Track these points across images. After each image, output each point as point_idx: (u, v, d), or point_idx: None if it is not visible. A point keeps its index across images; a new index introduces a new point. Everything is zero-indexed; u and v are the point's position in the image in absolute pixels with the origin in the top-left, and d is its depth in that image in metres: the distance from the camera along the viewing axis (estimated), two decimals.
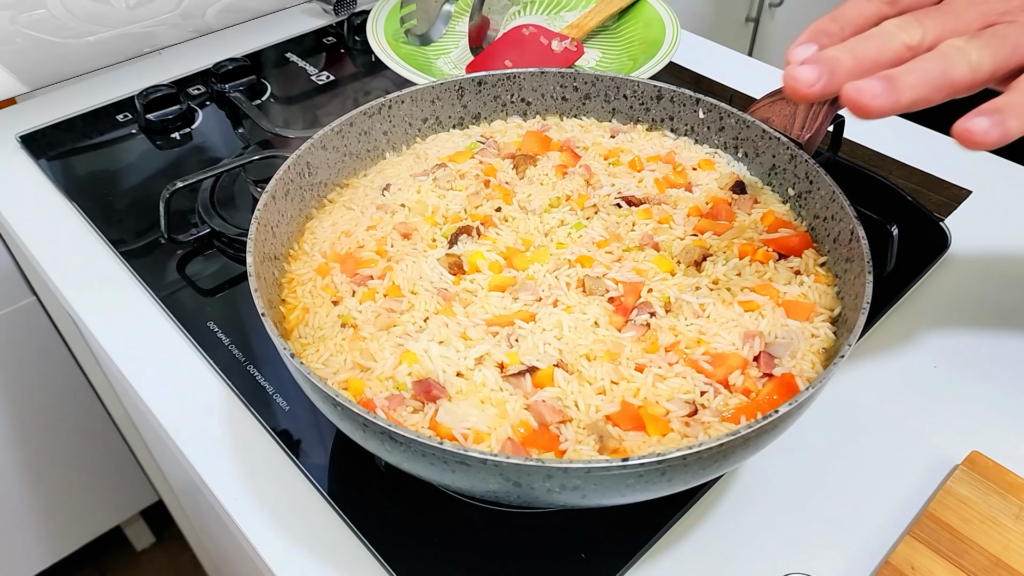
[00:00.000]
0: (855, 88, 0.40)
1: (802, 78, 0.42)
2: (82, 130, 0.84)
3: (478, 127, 0.64)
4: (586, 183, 0.58)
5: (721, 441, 0.37)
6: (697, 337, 0.47)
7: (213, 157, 0.81)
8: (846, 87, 0.41)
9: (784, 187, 0.56)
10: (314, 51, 0.97)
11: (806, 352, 0.46)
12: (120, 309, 0.65)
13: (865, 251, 0.46)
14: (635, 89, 0.62)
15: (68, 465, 1.30)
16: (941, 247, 0.69)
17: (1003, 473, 0.51)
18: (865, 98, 0.40)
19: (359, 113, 0.58)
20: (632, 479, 0.37)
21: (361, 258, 0.52)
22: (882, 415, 0.57)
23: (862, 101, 0.40)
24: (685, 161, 0.60)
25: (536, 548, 0.48)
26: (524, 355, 0.46)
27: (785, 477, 0.53)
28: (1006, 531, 0.48)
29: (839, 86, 0.41)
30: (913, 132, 0.83)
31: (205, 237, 0.69)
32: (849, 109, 0.41)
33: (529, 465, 0.36)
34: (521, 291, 0.50)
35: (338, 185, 0.58)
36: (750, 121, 0.57)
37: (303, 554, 0.48)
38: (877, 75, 0.40)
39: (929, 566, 0.47)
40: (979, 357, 0.61)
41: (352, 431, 0.41)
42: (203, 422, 0.56)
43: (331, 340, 0.47)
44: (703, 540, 0.49)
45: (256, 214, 0.49)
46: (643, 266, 0.52)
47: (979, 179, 0.77)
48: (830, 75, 0.42)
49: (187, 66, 0.94)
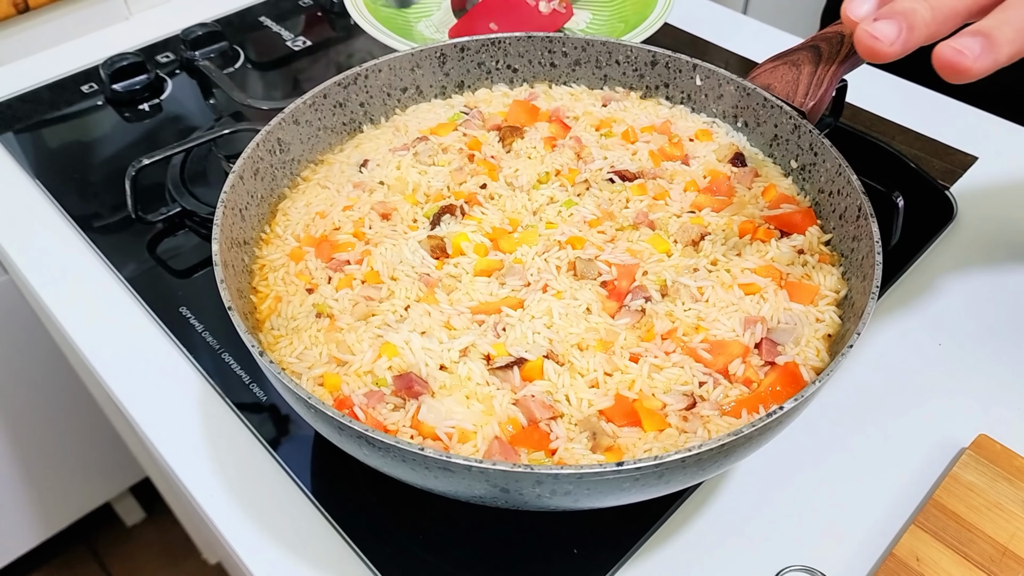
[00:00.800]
0: (951, 50, 0.36)
1: (882, 35, 0.37)
2: (47, 102, 0.80)
3: (461, 96, 0.60)
4: (577, 156, 0.55)
5: (722, 442, 0.34)
6: (695, 323, 0.45)
7: (184, 129, 0.76)
8: (940, 48, 0.36)
9: (787, 159, 0.53)
10: (290, 14, 0.92)
11: (810, 339, 0.44)
12: (87, 294, 0.61)
13: (874, 230, 0.43)
14: (628, 54, 0.58)
15: (54, 443, 1.28)
16: (947, 217, 0.66)
17: (1011, 457, 0.49)
18: (966, 60, 0.35)
19: (333, 84, 0.54)
20: (627, 483, 0.35)
21: (337, 241, 0.49)
22: (885, 397, 0.54)
23: (962, 64, 0.36)
24: (681, 131, 0.57)
25: (526, 544, 0.46)
26: (512, 346, 0.43)
27: (784, 465, 0.50)
28: (1014, 518, 0.47)
29: (919, 41, 0.37)
30: (917, 95, 0.80)
31: (176, 216, 0.66)
32: (942, 73, 0.37)
33: (517, 472, 0.33)
34: (508, 276, 0.47)
35: (312, 162, 0.55)
36: (751, 88, 0.54)
37: (284, 554, 0.46)
38: (969, 31, 0.36)
39: (935, 557, 0.45)
40: (986, 333, 0.58)
41: (328, 433, 0.38)
42: (176, 415, 0.53)
43: (306, 332, 0.44)
44: (699, 533, 0.47)
45: (222, 196, 0.45)
46: (638, 247, 0.49)
47: (986, 145, 0.74)
48: (909, 30, 0.37)
49: (155, 32, 0.89)
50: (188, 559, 1.48)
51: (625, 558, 0.46)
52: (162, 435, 0.52)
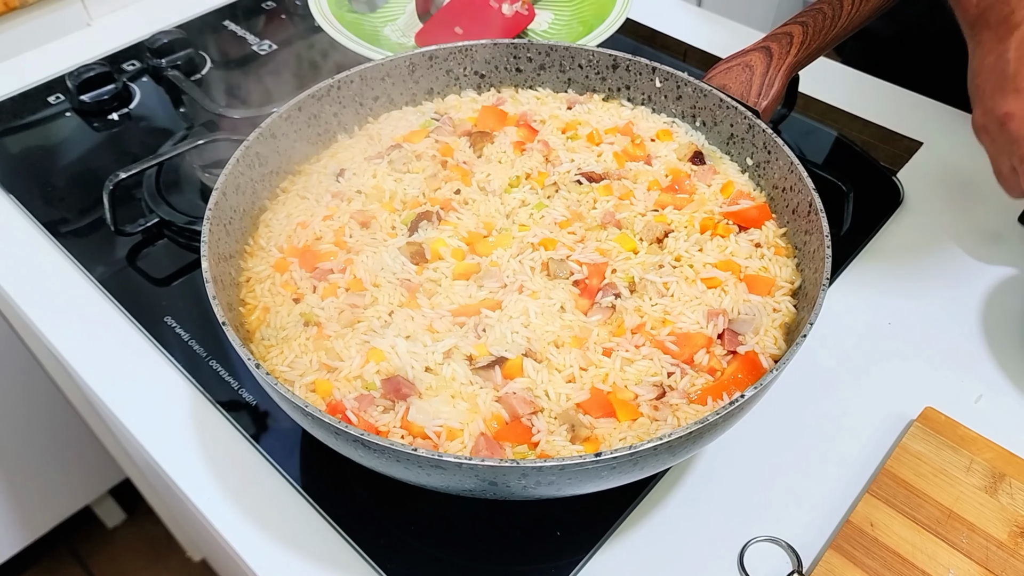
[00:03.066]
0: None
1: None
2: (13, 115, 0.80)
3: (431, 103, 0.62)
4: (545, 159, 0.58)
5: (690, 430, 0.37)
6: (662, 317, 0.48)
7: (155, 138, 0.77)
8: None
9: (743, 156, 0.56)
10: (253, 17, 0.93)
11: (768, 328, 0.47)
12: (70, 307, 0.63)
13: (824, 225, 0.46)
14: (590, 58, 0.60)
15: (30, 449, 1.28)
16: (894, 202, 0.70)
17: (955, 427, 0.54)
18: None
19: (307, 96, 0.56)
20: (605, 471, 0.38)
21: (320, 251, 0.51)
22: (840, 374, 0.58)
23: None
24: (643, 132, 0.60)
25: (513, 529, 0.49)
26: (492, 346, 0.46)
27: (748, 444, 0.54)
28: (957, 483, 0.51)
29: None
30: (865, 83, 0.84)
31: (154, 227, 0.67)
32: None
33: (504, 466, 0.36)
34: (486, 278, 0.50)
35: (290, 173, 0.57)
36: (707, 90, 0.57)
37: (282, 548, 0.48)
38: None
39: (887, 522, 0.49)
40: (932, 312, 0.62)
41: (324, 437, 0.41)
42: (169, 422, 0.55)
43: (295, 340, 0.47)
44: (672, 510, 0.51)
45: (208, 214, 0.47)
46: (606, 246, 0.52)
47: (930, 130, 0.78)
48: None
49: (117, 39, 0.89)
50: (172, 557, 1.49)
51: (604, 538, 0.49)
52: (158, 443, 0.54)
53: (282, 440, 0.53)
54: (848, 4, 0.61)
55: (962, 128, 0.79)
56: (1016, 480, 0.51)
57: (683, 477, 0.53)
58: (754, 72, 0.57)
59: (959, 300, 0.63)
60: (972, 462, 0.52)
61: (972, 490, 0.51)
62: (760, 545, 0.50)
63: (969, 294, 0.63)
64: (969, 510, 0.50)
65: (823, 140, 0.77)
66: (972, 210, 0.70)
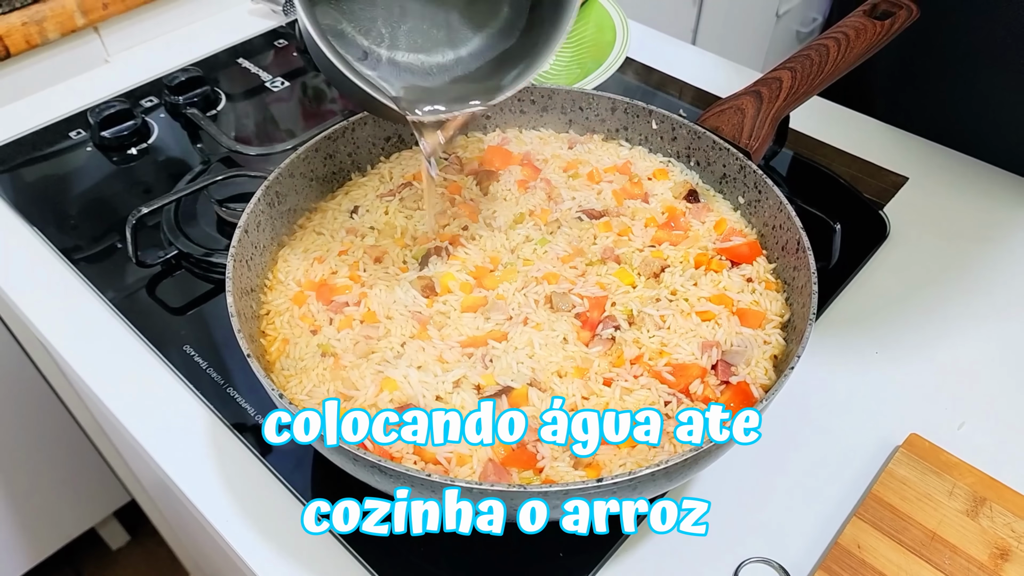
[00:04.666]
0: None
1: None
2: (37, 149, 0.83)
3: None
4: (548, 197, 0.61)
5: (685, 457, 0.40)
6: (659, 349, 0.51)
7: (173, 171, 0.80)
8: None
9: (735, 195, 0.60)
10: (266, 55, 0.96)
11: (759, 359, 0.50)
12: (95, 337, 0.65)
13: (811, 261, 0.49)
14: (590, 102, 0.64)
15: (37, 472, 1.30)
16: (880, 236, 0.73)
17: (939, 453, 0.56)
18: None
19: (323, 138, 0.59)
20: (607, 495, 0.41)
21: (335, 285, 0.54)
22: (829, 402, 0.61)
23: None
24: (640, 171, 0.63)
25: (517, 549, 0.52)
26: (499, 375, 0.49)
27: (742, 468, 0.57)
28: (941, 507, 0.53)
29: None
30: (854, 121, 0.87)
31: (172, 258, 0.70)
32: None
33: (512, 491, 0.39)
34: (492, 311, 0.53)
35: (307, 210, 0.60)
36: (700, 132, 0.60)
37: (287, 561, 0.51)
38: None
39: (874, 544, 0.52)
40: (917, 341, 0.65)
41: (342, 463, 0.43)
42: (187, 446, 0.58)
43: (313, 371, 0.49)
44: (671, 534, 0.53)
45: (231, 251, 0.50)
46: (606, 280, 0.55)
47: (915, 166, 0.81)
48: None
49: (135, 75, 0.93)
50: None
51: (604, 559, 0.52)
52: (176, 465, 0.56)
53: (294, 462, 0.56)
54: (834, 51, 0.65)
55: (946, 164, 0.82)
56: (996, 504, 0.54)
57: None
58: (745, 115, 0.61)
59: (943, 331, 0.66)
60: (955, 487, 0.55)
61: (954, 514, 0.53)
62: (754, 566, 0.52)
63: (952, 324, 0.66)
64: (952, 533, 0.52)
65: (813, 175, 0.81)
66: (954, 242, 0.73)
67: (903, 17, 0.67)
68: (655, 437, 0.46)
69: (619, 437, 0.46)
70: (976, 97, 0.80)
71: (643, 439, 0.46)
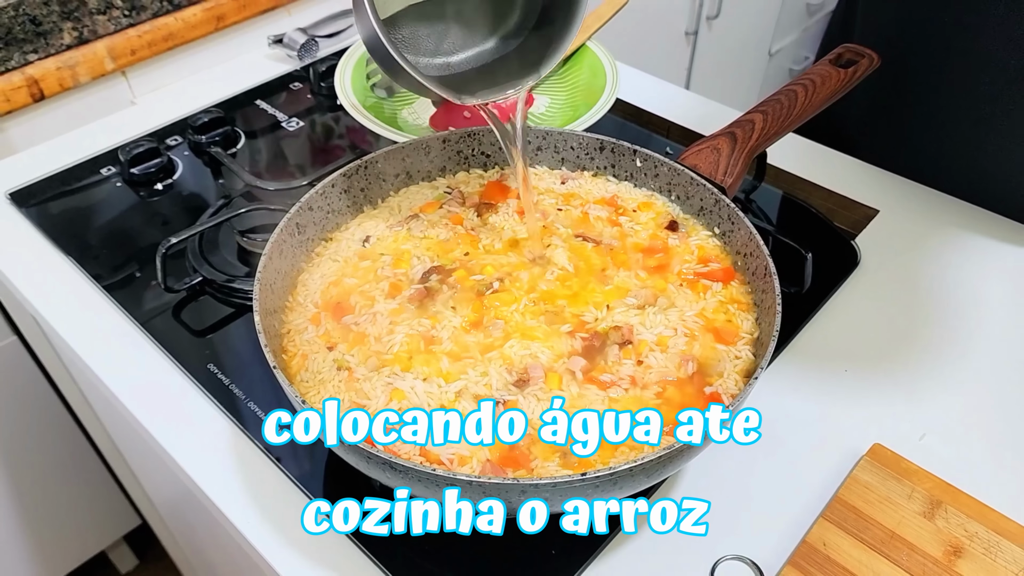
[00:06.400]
0: None
1: None
2: (68, 185, 0.90)
3: (444, 179, 0.72)
4: (544, 227, 0.67)
5: (659, 454, 0.46)
6: (646, 360, 0.56)
7: (196, 206, 0.87)
8: None
9: (711, 225, 0.66)
10: (283, 97, 1.04)
11: (731, 372, 0.55)
12: (127, 356, 0.71)
13: (776, 286, 0.55)
14: (580, 142, 0.70)
15: (52, 496, 1.34)
16: (852, 264, 0.79)
17: (899, 461, 0.61)
18: None
19: (339, 175, 0.65)
20: (589, 489, 0.46)
21: (349, 306, 0.60)
22: (802, 414, 0.66)
23: None
24: (627, 203, 0.69)
25: (511, 547, 0.57)
26: (497, 388, 0.54)
27: (722, 473, 0.62)
28: (900, 509, 0.58)
29: None
30: (829, 157, 0.94)
31: (197, 285, 0.76)
32: None
33: (507, 483, 0.44)
34: (491, 328, 0.58)
35: (323, 239, 0.66)
36: (680, 169, 0.66)
37: (301, 558, 0.56)
38: None
39: (838, 542, 0.57)
40: (883, 361, 0.71)
41: (356, 462, 0.49)
42: (212, 455, 0.63)
43: (329, 383, 0.55)
44: (654, 533, 0.58)
45: (257, 275, 0.56)
46: (598, 299, 0.60)
47: (886, 199, 0.87)
48: None
49: (160, 116, 1.00)
50: None
51: (591, 558, 0.57)
52: (204, 475, 0.62)
53: (310, 468, 0.61)
54: (802, 96, 0.71)
55: (913, 197, 0.88)
56: (951, 507, 0.59)
57: None
58: (721, 154, 0.67)
59: (906, 352, 0.72)
60: (913, 491, 0.60)
61: (913, 515, 0.58)
62: (729, 563, 0.57)
63: (917, 346, 0.72)
64: (910, 532, 0.57)
65: (790, 207, 0.87)
66: (920, 270, 0.79)
67: (865, 65, 0.74)
68: (655, 437, 0.50)
69: (619, 437, 0.50)
70: (938, 133, 0.86)
71: (643, 439, 0.50)
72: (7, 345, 1.15)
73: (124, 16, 1.03)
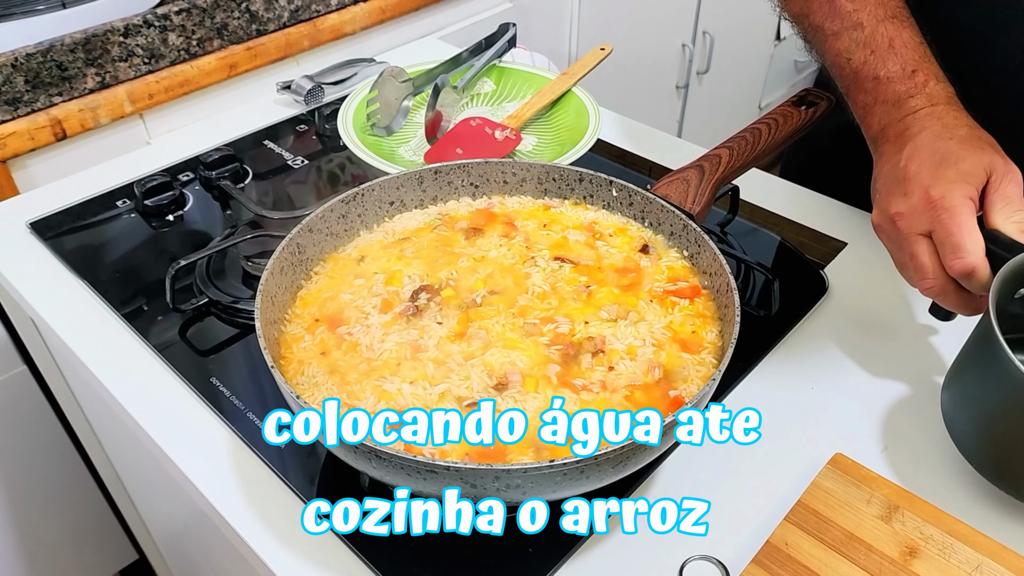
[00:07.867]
0: None
1: None
2: (85, 216, 0.95)
3: (436, 207, 0.77)
4: (527, 248, 0.72)
5: (621, 444, 0.50)
6: (616, 367, 0.61)
7: (204, 235, 0.93)
8: None
9: (681, 248, 0.71)
10: (289, 138, 1.10)
11: (695, 378, 0.60)
12: (136, 372, 0.76)
13: (736, 300, 0.60)
14: (561, 174, 0.76)
15: (51, 528, 1.36)
16: (821, 291, 0.84)
17: (859, 468, 0.65)
18: None
19: (338, 201, 0.71)
20: (558, 477, 0.50)
21: (343, 318, 0.65)
22: (770, 426, 0.70)
23: None
24: (604, 229, 0.74)
25: (490, 548, 0.60)
26: (478, 391, 0.59)
27: (693, 478, 0.66)
28: (859, 512, 0.62)
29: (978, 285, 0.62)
30: (800, 194, 1.00)
31: (203, 306, 0.81)
32: None
33: (482, 469, 0.48)
34: (474, 339, 0.63)
35: (321, 259, 0.71)
36: (652, 198, 0.72)
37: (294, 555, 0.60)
38: None
39: (799, 541, 0.60)
40: (846, 380, 0.75)
41: (344, 454, 0.53)
42: (215, 463, 0.67)
43: (323, 385, 0.59)
44: (622, 534, 0.62)
45: (260, 287, 0.61)
46: (575, 314, 0.65)
47: (853, 233, 0.93)
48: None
49: (173, 154, 1.07)
50: None
51: (567, 556, 0.60)
52: (207, 483, 0.66)
53: (304, 473, 0.65)
54: (765, 133, 0.77)
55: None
56: (908, 511, 0.62)
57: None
58: (690, 185, 0.73)
59: (866, 371, 0.76)
60: (872, 496, 0.63)
61: (871, 518, 0.62)
62: (697, 562, 0.60)
63: (880, 366, 0.76)
64: (868, 533, 0.61)
65: (764, 240, 0.92)
66: (886, 298, 0.84)
67: (824, 106, 0.80)
68: (655, 437, 0.51)
69: (619, 437, 0.53)
70: None
71: (643, 439, 0.51)
72: (17, 374, 1.20)
73: (144, 63, 1.11)
